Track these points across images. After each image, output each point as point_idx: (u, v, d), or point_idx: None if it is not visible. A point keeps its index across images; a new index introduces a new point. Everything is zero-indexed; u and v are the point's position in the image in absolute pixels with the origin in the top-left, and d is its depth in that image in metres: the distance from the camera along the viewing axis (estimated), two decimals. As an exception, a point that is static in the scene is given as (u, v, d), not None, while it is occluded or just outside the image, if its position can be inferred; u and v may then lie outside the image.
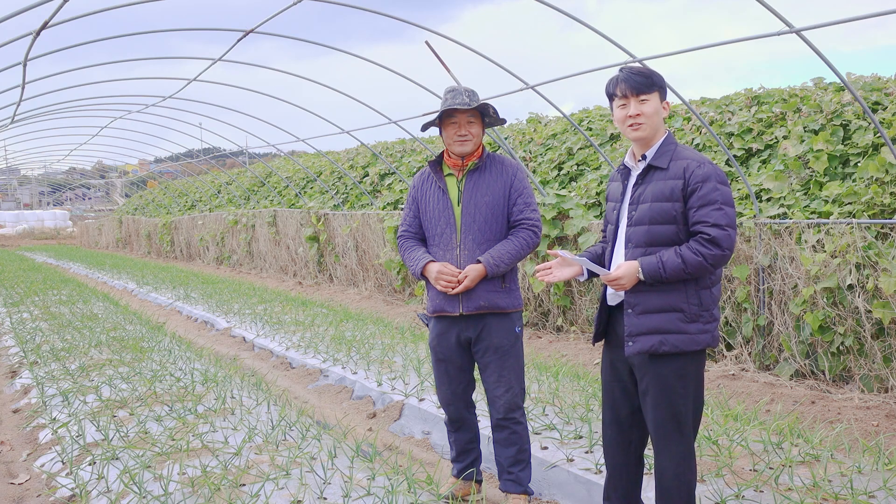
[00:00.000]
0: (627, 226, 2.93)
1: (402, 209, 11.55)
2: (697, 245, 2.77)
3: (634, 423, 3.06)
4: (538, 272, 3.09)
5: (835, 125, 6.70)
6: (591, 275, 3.09)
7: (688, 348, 2.83)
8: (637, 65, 2.98)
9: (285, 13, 7.95)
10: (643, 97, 2.87)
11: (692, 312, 2.83)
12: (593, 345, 3.21)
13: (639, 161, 2.96)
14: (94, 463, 4.10)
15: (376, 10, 7.88)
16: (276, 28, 9.49)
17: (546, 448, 4.22)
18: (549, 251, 3.17)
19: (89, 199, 64.76)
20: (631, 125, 2.90)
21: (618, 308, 3.00)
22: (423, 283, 3.76)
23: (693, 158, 2.85)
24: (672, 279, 2.79)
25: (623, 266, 2.86)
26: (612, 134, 9.50)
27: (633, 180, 2.98)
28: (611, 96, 2.97)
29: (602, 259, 3.13)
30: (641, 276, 2.82)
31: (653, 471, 3.63)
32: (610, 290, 3.02)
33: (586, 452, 4.12)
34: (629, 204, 2.95)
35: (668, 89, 2.99)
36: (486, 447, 4.18)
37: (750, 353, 6.39)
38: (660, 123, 2.91)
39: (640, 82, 2.87)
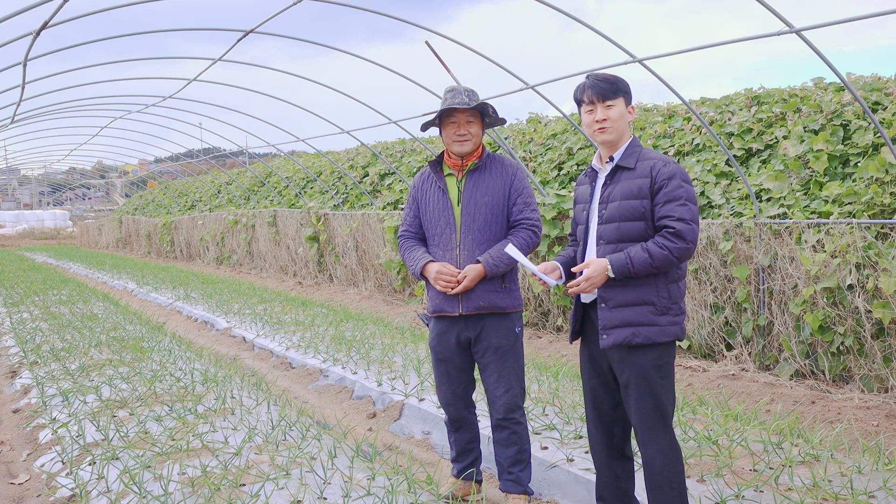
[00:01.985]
0: (598, 224, 3.05)
1: (402, 209, 11.57)
2: (663, 239, 2.89)
3: (616, 418, 3.17)
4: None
5: (835, 125, 6.70)
6: (570, 277, 3.21)
7: (659, 339, 2.95)
8: (602, 72, 3.10)
9: (285, 13, 7.95)
10: (609, 102, 3.02)
11: (662, 305, 2.96)
12: (570, 343, 3.30)
13: (606, 163, 3.10)
14: (94, 463, 4.10)
15: (375, 10, 7.88)
16: (275, 28, 9.50)
17: (546, 448, 4.22)
18: (531, 277, 3.28)
19: (89, 199, 64.76)
20: (598, 129, 3.04)
21: (592, 305, 3.12)
22: (423, 283, 3.77)
23: (659, 158, 3.00)
24: (640, 273, 2.91)
25: (592, 265, 2.97)
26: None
27: (601, 181, 3.11)
28: (579, 102, 3.11)
29: (575, 260, 3.22)
30: (611, 274, 2.94)
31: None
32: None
33: (586, 452, 4.12)
34: (599, 203, 3.08)
35: (633, 94, 3.12)
36: (486, 447, 4.18)
37: (750, 353, 6.39)
38: (626, 127, 3.06)
39: (606, 88, 3.02)
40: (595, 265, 2.95)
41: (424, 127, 3.74)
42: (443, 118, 3.59)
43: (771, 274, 6.24)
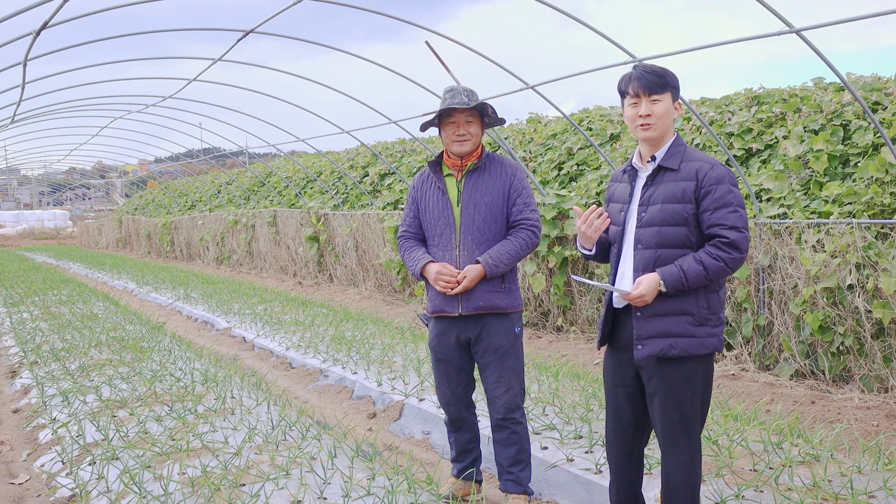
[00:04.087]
0: (637, 227, 2.88)
1: (402, 209, 11.57)
2: (716, 250, 2.73)
3: (638, 428, 3.03)
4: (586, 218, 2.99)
5: (835, 125, 6.70)
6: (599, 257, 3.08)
7: (697, 352, 2.80)
8: (651, 62, 2.91)
9: (284, 13, 7.96)
10: (655, 97, 2.82)
11: (701, 316, 2.80)
12: (598, 349, 3.16)
13: (647, 162, 2.91)
14: (94, 463, 4.10)
15: (374, 10, 7.89)
16: (275, 28, 9.50)
17: (546, 448, 4.22)
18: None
19: (89, 199, 64.76)
20: (641, 125, 2.84)
21: (623, 311, 2.96)
22: (423, 283, 3.78)
23: (705, 160, 2.82)
24: (694, 287, 2.76)
25: (644, 282, 2.80)
26: (611, 134, 9.50)
27: (641, 181, 2.92)
28: (622, 93, 2.91)
29: (605, 243, 3.09)
30: (663, 288, 2.77)
31: (653, 470, 3.64)
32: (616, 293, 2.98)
33: (586, 452, 4.12)
34: (639, 205, 2.89)
35: (680, 89, 2.91)
36: (486, 447, 4.18)
37: (750, 353, 6.38)
38: (670, 124, 2.86)
39: (653, 82, 2.81)
40: (647, 282, 2.78)
41: (424, 127, 3.73)
42: (442, 118, 3.59)
43: (771, 274, 6.24)
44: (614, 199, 3.05)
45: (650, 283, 2.78)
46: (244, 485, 3.74)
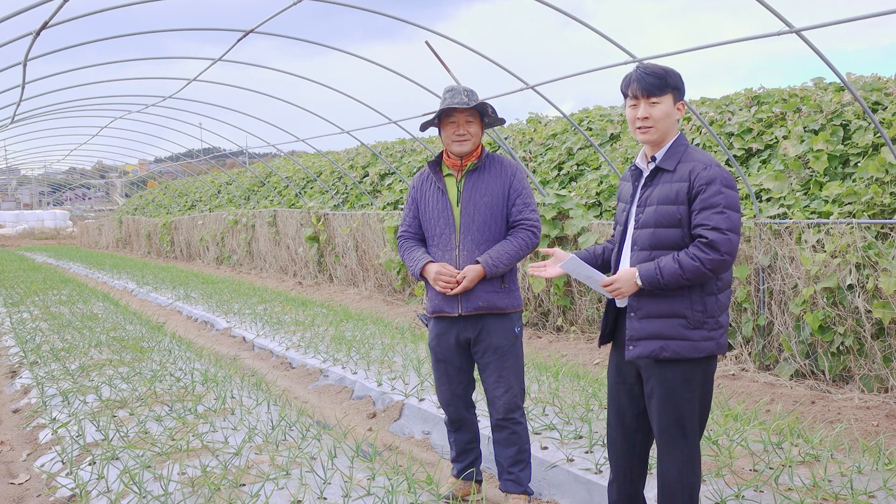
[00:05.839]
0: (634, 228, 2.89)
1: (402, 209, 11.57)
2: (695, 250, 2.71)
3: (639, 426, 3.02)
4: (532, 268, 3.09)
5: (835, 125, 6.70)
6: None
7: (690, 355, 2.78)
8: (653, 62, 2.87)
9: (284, 13, 7.96)
10: (654, 100, 2.79)
11: (696, 319, 2.78)
12: (599, 347, 3.16)
13: (649, 162, 2.91)
14: (94, 463, 4.10)
15: (373, 10, 7.89)
16: (274, 28, 9.50)
17: (546, 448, 4.22)
18: (544, 250, 3.15)
19: (89, 199, 64.76)
20: (639, 128, 2.84)
21: (625, 310, 2.95)
22: (422, 283, 3.78)
23: (700, 161, 2.79)
24: (671, 285, 2.74)
25: (620, 272, 2.83)
26: (611, 134, 9.50)
27: (642, 182, 2.93)
28: (624, 94, 2.90)
29: (599, 259, 3.11)
30: (639, 283, 2.78)
31: (652, 470, 3.64)
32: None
33: (586, 452, 4.12)
34: (637, 206, 2.90)
35: (684, 89, 2.87)
36: (486, 447, 4.18)
37: (750, 353, 6.39)
38: (671, 126, 2.84)
39: (652, 83, 2.78)
40: (623, 275, 2.80)
41: (423, 127, 3.73)
42: (442, 118, 3.58)
43: (771, 274, 6.24)
44: (620, 199, 3.06)
45: (626, 275, 2.81)
46: (244, 485, 3.74)
